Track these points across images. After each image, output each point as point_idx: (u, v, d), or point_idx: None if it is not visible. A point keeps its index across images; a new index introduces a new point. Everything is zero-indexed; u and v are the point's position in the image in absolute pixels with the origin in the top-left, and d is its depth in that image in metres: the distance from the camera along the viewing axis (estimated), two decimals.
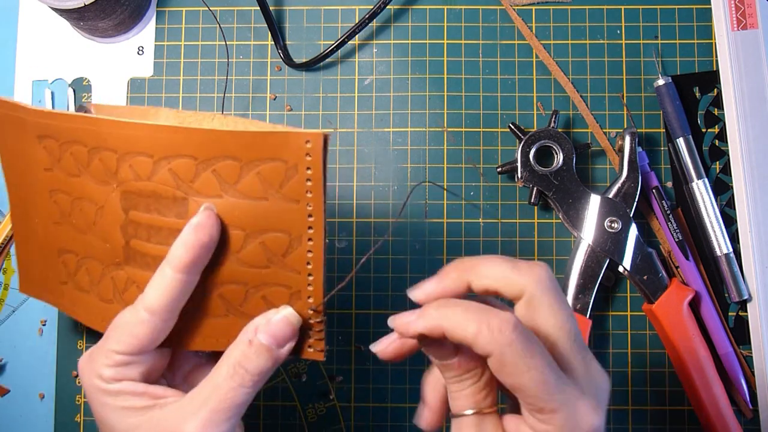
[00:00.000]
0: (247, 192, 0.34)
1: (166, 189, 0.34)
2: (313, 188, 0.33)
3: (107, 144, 0.35)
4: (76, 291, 0.40)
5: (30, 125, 0.38)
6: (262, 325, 0.34)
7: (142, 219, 0.35)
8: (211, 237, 0.33)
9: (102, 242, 0.37)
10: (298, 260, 0.34)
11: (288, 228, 0.34)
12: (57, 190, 0.38)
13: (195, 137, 0.33)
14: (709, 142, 0.50)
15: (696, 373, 0.46)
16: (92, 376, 0.34)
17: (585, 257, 0.47)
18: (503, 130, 0.50)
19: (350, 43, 0.51)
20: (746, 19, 0.49)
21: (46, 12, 0.52)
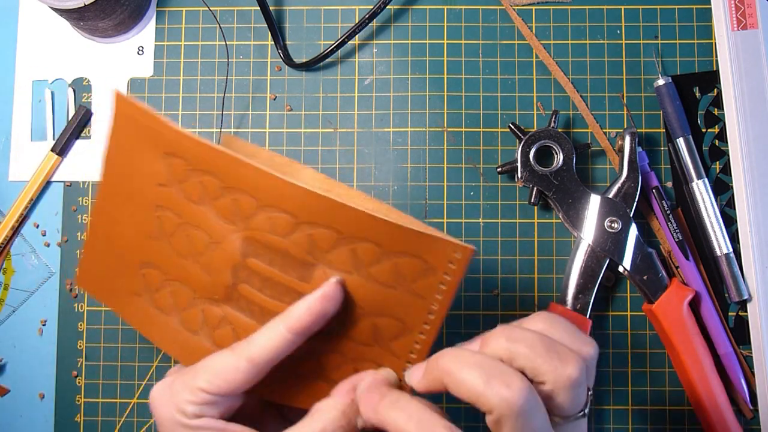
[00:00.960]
0: (378, 277, 0.34)
1: (298, 251, 0.35)
2: (444, 293, 0.34)
3: (248, 189, 0.35)
4: (151, 307, 0.39)
5: (161, 139, 0.37)
6: (362, 384, 0.34)
7: (261, 270, 0.35)
8: (334, 309, 0.34)
9: (203, 274, 0.37)
10: (404, 348, 0.35)
11: (405, 318, 0.35)
12: (165, 208, 0.38)
13: (347, 214, 0.33)
14: (709, 142, 0.50)
15: (696, 373, 0.46)
16: (173, 409, 0.34)
17: (585, 257, 0.47)
18: (503, 130, 0.50)
19: (350, 43, 0.51)
20: (746, 19, 0.49)
21: (46, 12, 0.52)
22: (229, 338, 0.37)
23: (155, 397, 0.35)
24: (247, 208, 0.35)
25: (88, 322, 0.50)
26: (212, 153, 0.35)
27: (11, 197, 0.51)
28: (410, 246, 0.33)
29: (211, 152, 0.35)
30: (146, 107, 0.37)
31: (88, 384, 0.50)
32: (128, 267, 0.40)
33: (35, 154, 0.51)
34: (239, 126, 0.51)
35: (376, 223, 0.33)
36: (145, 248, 0.39)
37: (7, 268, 0.51)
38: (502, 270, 0.50)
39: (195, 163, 0.36)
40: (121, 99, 0.38)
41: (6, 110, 0.52)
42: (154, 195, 0.38)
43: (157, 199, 0.38)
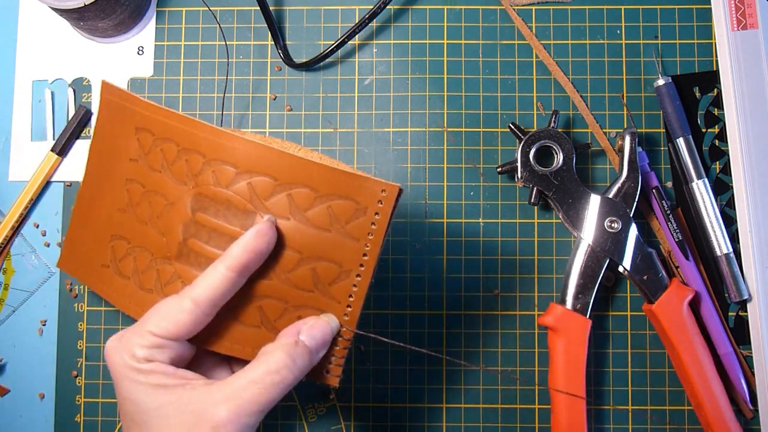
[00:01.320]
0: (314, 221, 0.36)
1: (240, 200, 0.37)
2: (375, 231, 0.36)
3: (198, 147, 0.38)
4: (115, 275, 0.42)
5: (133, 116, 0.41)
6: (306, 327, 0.36)
7: (208, 222, 0.38)
8: (268, 245, 0.36)
9: (159, 235, 0.39)
10: (342, 291, 0.37)
11: (341, 261, 0.37)
12: (133, 181, 0.41)
13: (283, 161, 0.36)
14: (709, 142, 0.50)
15: (696, 373, 0.46)
16: (124, 354, 0.35)
17: (585, 257, 0.47)
18: (503, 130, 0.50)
19: (350, 43, 0.51)
20: (746, 19, 0.49)
21: (46, 12, 0.52)
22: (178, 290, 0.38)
23: (109, 347, 0.36)
24: (196, 166, 0.38)
25: (88, 322, 0.50)
26: (169, 116, 0.38)
27: (11, 197, 0.51)
28: (341, 188, 0.36)
29: (168, 115, 0.38)
30: (123, 88, 0.41)
31: (88, 384, 0.50)
32: (101, 242, 0.43)
33: (35, 154, 0.51)
34: (239, 126, 0.51)
35: (310, 167, 0.36)
36: (116, 221, 0.42)
37: (7, 268, 0.51)
38: (502, 270, 0.50)
39: (158, 132, 0.39)
40: (105, 85, 0.43)
41: (6, 110, 0.52)
42: (126, 170, 0.41)
43: (128, 173, 0.41)
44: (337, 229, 0.36)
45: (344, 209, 0.36)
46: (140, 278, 0.40)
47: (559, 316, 0.46)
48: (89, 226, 0.44)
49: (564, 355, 0.46)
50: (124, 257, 0.41)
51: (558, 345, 0.46)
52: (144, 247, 0.40)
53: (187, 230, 0.38)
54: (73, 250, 0.45)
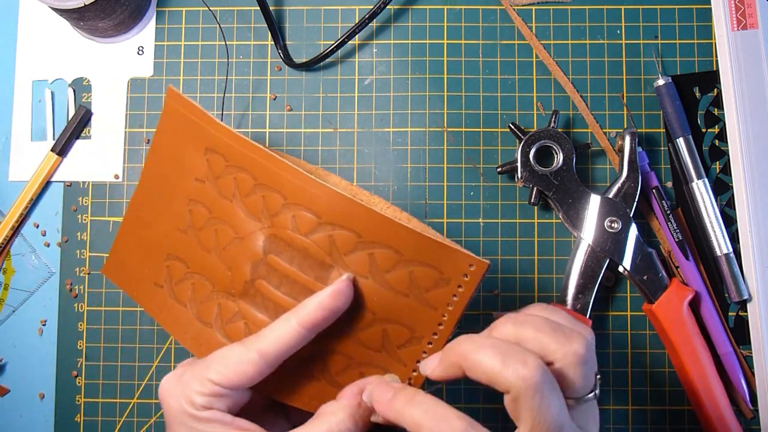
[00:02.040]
0: (393, 284, 0.35)
1: (319, 251, 0.35)
2: (455, 303, 0.34)
3: (278, 186, 0.36)
4: (170, 299, 0.40)
5: (203, 134, 0.38)
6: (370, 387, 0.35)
7: (281, 267, 0.36)
8: (344, 305, 0.35)
9: (224, 269, 0.38)
10: (410, 356, 0.36)
11: (414, 326, 0.35)
12: (198, 203, 0.39)
13: (369, 218, 0.34)
14: (709, 142, 0.50)
15: (696, 373, 0.46)
16: (182, 399, 0.34)
17: (585, 257, 0.47)
18: (503, 130, 0.50)
19: (350, 43, 0.51)
20: (746, 19, 0.49)
21: (46, 12, 0.52)
22: (241, 333, 0.37)
23: (164, 387, 0.35)
24: (274, 206, 0.36)
25: (88, 322, 0.50)
26: (249, 147, 0.36)
27: (11, 197, 0.51)
28: (427, 255, 0.34)
29: (248, 147, 0.36)
30: (194, 103, 0.39)
31: (88, 384, 0.50)
32: (154, 258, 0.41)
33: (35, 154, 0.51)
34: (239, 126, 0.51)
35: (396, 229, 0.34)
36: (173, 240, 0.40)
37: (7, 268, 0.51)
38: (502, 270, 0.50)
39: (232, 159, 0.37)
40: (172, 93, 0.40)
41: (6, 110, 0.52)
42: (190, 189, 0.39)
43: (192, 194, 0.39)
44: (416, 296, 0.35)
45: (426, 277, 0.34)
46: (198, 308, 0.39)
47: None
48: (141, 238, 0.42)
49: None
50: (181, 281, 0.40)
51: None
52: (204, 275, 0.38)
53: (256, 270, 0.36)
54: (120, 260, 0.43)
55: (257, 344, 0.34)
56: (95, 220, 0.51)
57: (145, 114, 0.51)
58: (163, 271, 0.40)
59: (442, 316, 0.35)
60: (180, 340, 0.40)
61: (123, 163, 0.51)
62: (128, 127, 0.51)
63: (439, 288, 0.34)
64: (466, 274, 0.34)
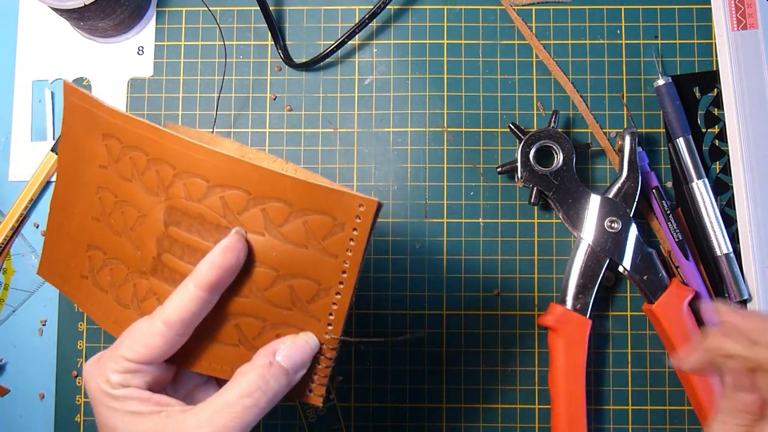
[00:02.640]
0: (290, 236, 0.35)
1: (213, 215, 0.35)
2: (354, 248, 0.34)
3: (168, 158, 0.36)
4: (93, 287, 0.40)
5: (99, 121, 0.39)
6: (283, 347, 0.35)
7: (181, 237, 0.36)
8: (237, 260, 0.34)
9: (134, 249, 0.38)
10: (322, 309, 0.36)
11: (320, 278, 0.35)
12: (105, 189, 0.39)
13: (255, 174, 0.34)
14: (709, 142, 0.50)
15: None
16: (99, 379, 0.34)
17: (585, 257, 0.47)
18: (503, 130, 0.50)
19: (350, 43, 0.51)
20: (746, 19, 0.49)
21: (46, 12, 0.52)
22: (154, 308, 0.37)
23: (85, 371, 0.35)
24: (167, 177, 0.36)
25: (88, 322, 0.50)
26: (136, 125, 0.37)
27: (11, 197, 0.51)
28: (317, 202, 0.34)
29: (135, 124, 0.37)
30: (85, 91, 0.39)
31: None
32: (77, 250, 0.41)
33: (35, 154, 0.51)
34: (239, 126, 0.51)
35: (283, 180, 0.34)
36: (90, 230, 0.40)
37: (7, 268, 0.51)
38: (502, 270, 0.50)
39: (126, 140, 0.37)
40: (68, 87, 0.40)
41: (6, 110, 0.52)
42: (96, 177, 0.39)
43: (99, 181, 0.39)
44: (314, 246, 0.35)
45: (321, 225, 0.34)
46: (117, 292, 0.39)
47: (559, 316, 0.46)
48: (65, 233, 0.42)
49: (564, 355, 0.46)
50: (101, 269, 0.40)
51: (558, 345, 0.46)
52: (120, 259, 0.39)
53: (161, 244, 0.37)
54: (50, 258, 0.44)
55: (161, 314, 0.34)
56: None
57: (145, 114, 0.51)
58: (86, 261, 0.41)
59: (344, 262, 0.35)
60: (104, 327, 0.40)
61: None
62: None
63: (335, 234, 0.34)
64: (358, 215, 0.34)
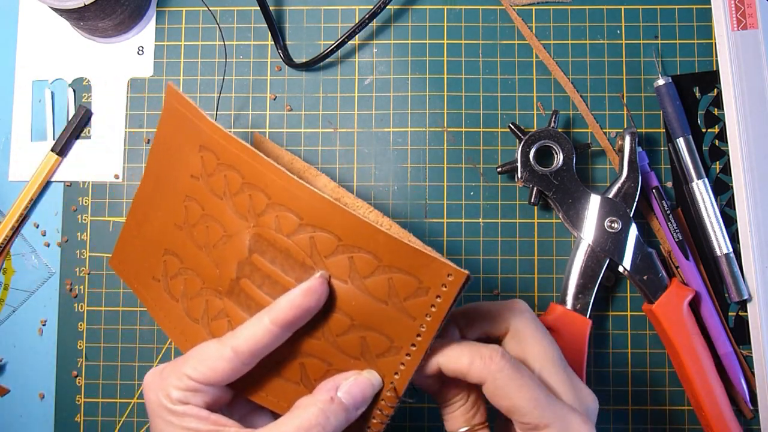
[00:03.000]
0: (372, 290, 0.35)
1: (299, 252, 0.35)
2: (434, 314, 0.34)
3: (263, 186, 0.36)
4: (164, 293, 0.41)
5: (198, 132, 0.39)
6: (346, 383, 0.35)
7: (264, 267, 0.36)
8: (317, 303, 0.34)
9: (213, 266, 0.38)
10: (389, 366, 0.36)
11: (393, 336, 0.35)
12: (193, 199, 0.39)
13: (350, 222, 0.34)
14: (709, 142, 0.50)
15: (696, 373, 0.46)
16: (159, 393, 0.34)
17: (585, 257, 0.47)
18: (503, 130, 0.50)
19: (350, 43, 0.51)
20: (746, 19, 0.49)
21: (46, 12, 0.52)
22: (224, 330, 0.37)
23: (147, 381, 0.36)
24: (260, 205, 0.36)
25: (88, 322, 0.50)
26: (237, 146, 0.37)
27: (11, 197, 0.51)
28: (406, 262, 0.34)
29: (237, 145, 0.37)
30: (189, 100, 0.39)
31: (88, 384, 0.50)
32: (154, 252, 0.42)
33: (35, 154, 0.51)
34: (239, 126, 0.51)
35: (376, 234, 0.34)
36: (171, 236, 0.40)
37: (7, 268, 0.51)
38: (502, 270, 0.50)
39: (223, 157, 0.38)
40: (171, 90, 0.41)
41: (6, 110, 0.52)
42: (186, 186, 0.40)
43: (188, 190, 0.40)
44: (395, 303, 0.34)
45: (405, 284, 0.34)
46: (188, 304, 0.39)
47: (559, 316, 0.46)
48: (143, 233, 0.43)
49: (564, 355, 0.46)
50: (175, 276, 0.40)
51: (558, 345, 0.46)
52: (196, 271, 0.39)
53: (242, 269, 0.37)
54: (125, 253, 0.44)
55: (232, 341, 0.34)
56: (95, 220, 0.51)
57: (145, 114, 0.51)
58: (160, 265, 0.41)
59: (421, 326, 0.34)
60: (169, 335, 0.40)
61: (123, 163, 0.51)
62: (128, 127, 0.51)
63: (418, 297, 0.34)
64: (445, 284, 0.33)
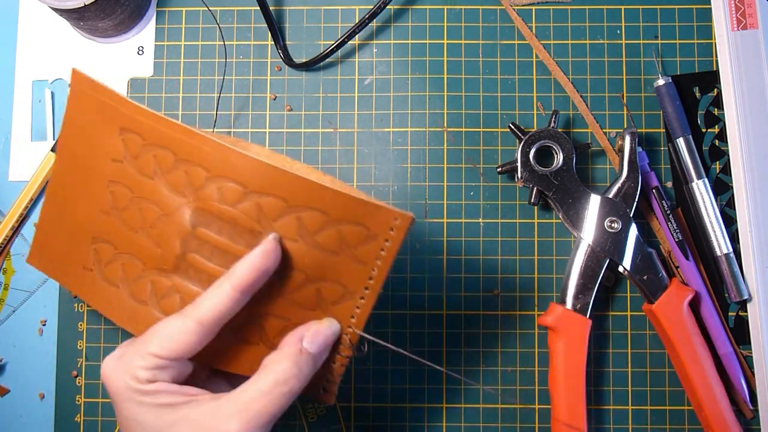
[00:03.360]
0: (323, 243, 0.36)
1: (247, 219, 0.36)
2: (384, 257, 0.36)
3: (201, 161, 0.36)
4: (101, 281, 0.41)
5: (117, 115, 0.39)
6: (308, 334, 0.36)
7: (211, 239, 0.37)
8: (274, 264, 0.36)
9: (153, 246, 0.38)
10: (345, 311, 0.37)
11: (347, 282, 0.37)
12: (118, 183, 0.39)
13: (296, 184, 0.35)
14: (709, 142, 0.50)
15: (696, 373, 0.46)
16: (126, 376, 0.34)
17: (585, 257, 0.47)
18: (503, 130, 0.50)
19: (350, 43, 0.51)
20: (746, 19, 0.49)
21: (46, 12, 0.52)
22: (177, 306, 0.38)
23: (106, 368, 0.35)
24: (198, 180, 0.36)
25: (88, 322, 0.50)
26: (166, 124, 0.37)
27: (11, 197, 0.51)
28: (353, 214, 0.35)
29: (166, 124, 0.37)
30: (103, 84, 0.39)
31: (88, 384, 0.50)
32: (80, 242, 0.41)
33: (35, 154, 0.51)
34: (239, 126, 0.51)
35: (322, 191, 0.35)
36: (98, 223, 0.40)
37: (7, 268, 0.51)
38: (502, 270, 0.50)
39: (150, 137, 0.38)
40: (77, 75, 0.40)
41: (6, 110, 0.52)
42: (108, 170, 0.40)
43: (111, 175, 0.39)
44: (346, 253, 0.36)
45: (355, 234, 0.36)
46: (131, 287, 0.39)
47: (559, 316, 0.46)
48: (64, 224, 0.42)
49: (564, 355, 0.46)
50: (110, 263, 0.40)
51: (558, 345, 0.46)
52: (134, 254, 0.39)
53: (186, 244, 0.37)
54: (45, 247, 0.44)
55: (194, 313, 0.35)
56: None
57: None
58: (90, 254, 0.41)
59: (372, 270, 0.36)
60: (116, 321, 0.40)
61: None
62: None
63: (368, 244, 0.36)
64: (392, 228, 0.35)
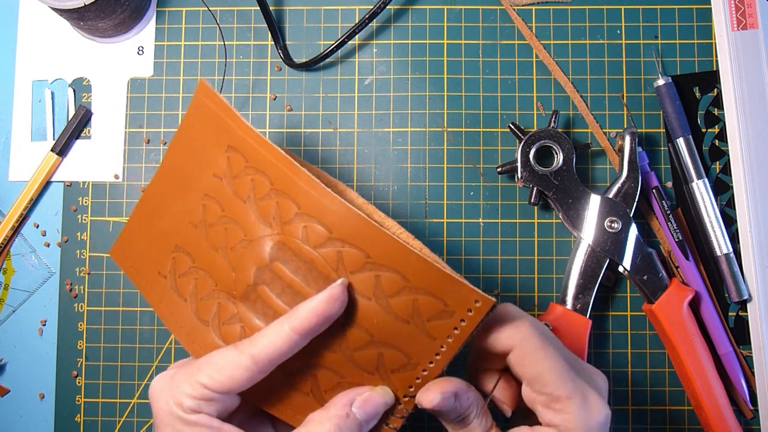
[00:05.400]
0: (396, 309, 0.34)
1: (325, 265, 0.35)
2: (456, 336, 0.34)
3: (294, 195, 0.35)
4: (171, 290, 0.40)
5: (228, 131, 0.38)
6: (359, 399, 0.35)
7: (285, 276, 0.36)
8: (338, 311, 0.34)
9: (228, 269, 0.37)
10: (404, 381, 0.35)
11: (411, 353, 0.35)
12: (212, 199, 0.39)
13: (380, 240, 0.34)
14: (709, 142, 0.50)
15: (696, 373, 0.46)
16: (171, 401, 0.34)
17: (585, 257, 0.47)
18: (503, 130, 0.50)
19: (350, 43, 0.51)
20: (746, 19, 0.49)
21: (46, 12, 0.52)
22: (236, 336, 0.37)
23: (155, 387, 0.35)
24: (287, 214, 0.36)
25: (88, 322, 0.50)
26: (270, 151, 0.36)
27: (11, 197, 0.51)
28: (434, 285, 0.34)
29: (270, 150, 0.36)
30: (225, 100, 0.38)
31: (88, 384, 0.50)
32: (162, 247, 0.41)
33: (35, 154, 0.51)
34: None
35: (408, 255, 0.33)
36: (183, 233, 0.40)
37: (7, 268, 0.51)
38: (502, 270, 0.50)
39: (252, 160, 0.37)
40: (202, 86, 0.40)
41: (6, 110, 0.52)
42: (207, 184, 0.39)
43: (208, 189, 0.39)
44: (417, 324, 0.34)
45: (430, 306, 0.34)
46: (197, 305, 0.39)
47: (559, 316, 0.46)
48: (152, 226, 0.42)
49: None
50: (185, 275, 0.39)
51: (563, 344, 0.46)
52: (209, 272, 0.38)
53: (260, 275, 0.36)
54: (129, 244, 0.43)
55: (250, 349, 0.34)
56: (95, 220, 0.51)
57: (145, 114, 0.51)
58: (168, 261, 0.40)
59: (441, 347, 0.34)
60: (174, 334, 0.40)
61: (123, 163, 0.51)
62: (128, 127, 0.51)
63: (442, 319, 0.34)
64: (471, 309, 0.33)
